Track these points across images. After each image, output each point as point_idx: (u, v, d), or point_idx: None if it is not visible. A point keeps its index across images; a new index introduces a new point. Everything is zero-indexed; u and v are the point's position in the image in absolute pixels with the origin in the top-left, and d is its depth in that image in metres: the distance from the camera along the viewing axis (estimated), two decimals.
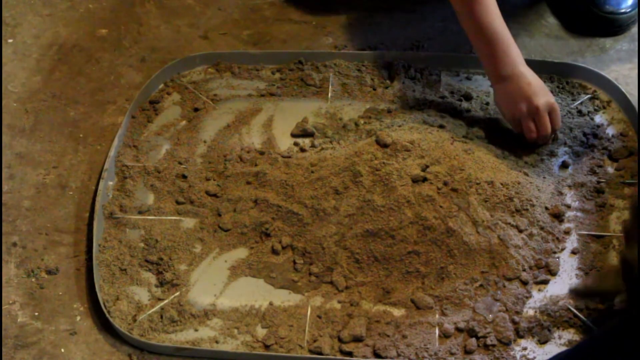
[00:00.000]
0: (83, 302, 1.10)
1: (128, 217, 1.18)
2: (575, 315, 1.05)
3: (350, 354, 1.02)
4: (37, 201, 1.23)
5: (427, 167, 1.13)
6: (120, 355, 1.04)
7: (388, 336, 1.03)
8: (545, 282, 1.09)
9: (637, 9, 1.46)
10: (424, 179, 1.12)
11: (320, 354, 1.02)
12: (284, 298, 1.09)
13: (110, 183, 1.23)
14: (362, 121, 1.30)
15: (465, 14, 1.22)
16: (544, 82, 1.36)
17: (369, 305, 1.07)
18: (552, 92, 1.35)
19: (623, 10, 1.45)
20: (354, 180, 1.13)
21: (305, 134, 1.30)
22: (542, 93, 1.20)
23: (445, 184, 1.11)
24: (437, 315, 1.05)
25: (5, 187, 1.25)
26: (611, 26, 1.46)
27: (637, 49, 1.45)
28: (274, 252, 1.13)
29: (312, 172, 1.18)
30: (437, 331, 1.04)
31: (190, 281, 1.11)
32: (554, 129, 1.21)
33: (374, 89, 1.37)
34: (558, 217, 1.15)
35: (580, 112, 1.31)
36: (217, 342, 1.04)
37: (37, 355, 1.05)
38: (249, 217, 1.16)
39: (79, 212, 1.22)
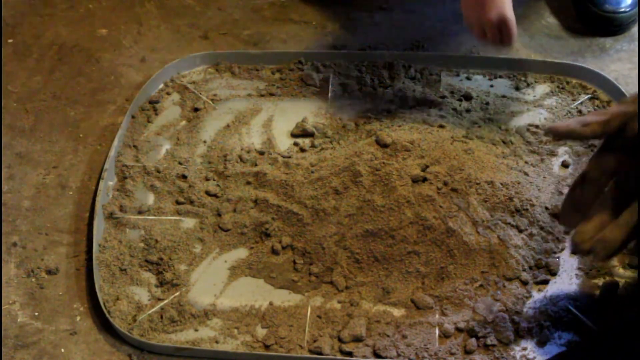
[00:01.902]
0: (83, 302, 1.10)
1: (128, 217, 1.18)
2: (575, 315, 1.05)
3: (350, 354, 1.02)
4: (37, 201, 1.23)
5: (427, 167, 1.13)
6: (120, 355, 1.04)
7: (388, 336, 1.03)
8: (545, 282, 1.09)
9: (636, 8, 1.46)
10: (424, 179, 1.12)
11: (320, 354, 1.02)
12: (284, 298, 1.09)
13: (110, 183, 1.23)
14: (362, 121, 1.30)
15: None
16: (544, 82, 1.37)
17: (369, 305, 1.07)
18: (552, 92, 1.35)
19: (623, 10, 1.45)
20: (354, 180, 1.13)
21: (305, 134, 1.30)
22: (497, 4, 1.16)
23: (445, 184, 1.11)
24: (437, 315, 1.05)
25: (5, 187, 1.25)
26: (611, 25, 1.46)
27: (637, 49, 1.45)
28: (274, 252, 1.13)
29: (312, 172, 1.18)
30: (437, 331, 1.04)
31: (190, 281, 1.11)
32: (503, 41, 1.19)
33: (374, 89, 1.37)
34: (558, 217, 1.15)
35: (580, 112, 1.31)
36: (217, 342, 1.04)
37: (37, 355, 1.05)
38: (249, 217, 1.16)
39: (79, 212, 1.22)
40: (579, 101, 1.33)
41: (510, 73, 1.39)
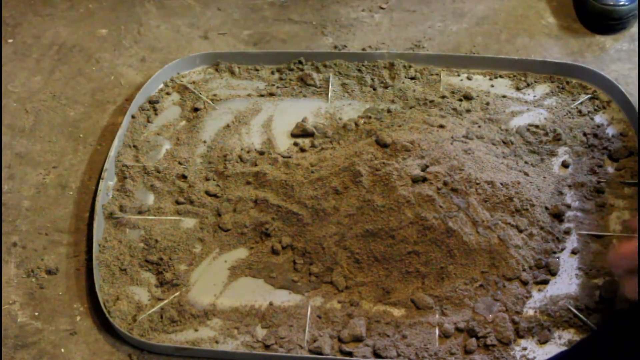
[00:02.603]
0: (83, 302, 1.10)
1: (128, 217, 1.18)
2: (575, 315, 1.05)
3: (350, 354, 1.02)
4: (37, 201, 1.23)
5: (427, 167, 1.13)
6: (120, 355, 1.04)
7: (388, 336, 1.03)
8: (545, 282, 1.09)
9: (636, 2, 1.46)
10: (424, 179, 1.12)
11: (320, 354, 1.02)
12: (284, 298, 1.09)
13: (110, 183, 1.23)
14: (362, 121, 1.30)
15: None
16: (544, 82, 1.37)
17: (369, 305, 1.07)
18: (552, 92, 1.35)
19: (622, 3, 1.45)
20: (354, 180, 1.13)
21: (305, 134, 1.29)
22: None
23: (445, 184, 1.11)
24: (437, 315, 1.05)
25: (5, 187, 1.25)
26: (610, 19, 1.46)
27: (637, 49, 1.45)
28: (274, 252, 1.13)
29: (312, 172, 1.18)
30: (437, 331, 1.04)
31: (190, 281, 1.11)
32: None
33: (374, 89, 1.37)
34: (558, 217, 1.15)
35: (580, 112, 1.31)
36: (217, 342, 1.04)
37: (37, 355, 1.05)
38: (249, 217, 1.16)
39: (79, 212, 1.22)
40: (579, 101, 1.33)
41: (510, 73, 1.39)
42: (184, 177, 1.23)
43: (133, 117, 1.33)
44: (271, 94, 1.37)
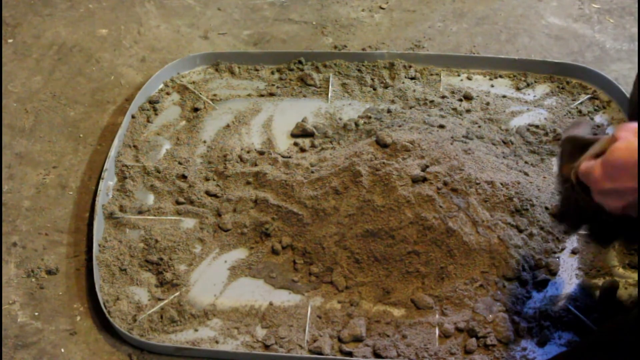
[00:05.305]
0: (83, 302, 1.10)
1: (128, 217, 1.18)
2: (575, 315, 1.05)
3: (350, 354, 1.02)
4: (37, 201, 1.23)
5: (427, 167, 1.13)
6: (120, 355, 1.04)
7: (388, 336, 1.03)
8: (545, 282, 1.09)
9: None
10: (424, 179, 1.12)
11: (320, 354, 1.02)
12: (284, 298, 1.09)
13: (110, 183, 1.23)
14: (362, 121, 1.30)
15: None
16: (544, 82, 1.37)
17: (369, 305, 1.07)
18: (552, 92, 1.36)
19: None
20: (354, 180, 1.13)
21: (305, 134, 1.30)
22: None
23: (445, 184, 1.11)
24: (437, 315, 1.05)
25: (5, 187, 1.25)
26: None
27: (637, 49, 1.45)
28: (274, 252, 1.13)
29: (312, 172, 1.18)
30: (437, 331, 1.04)
31: (190, 281, 1.11)
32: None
33: (374, 89, 1.37)
34: (558, 217, 1.15)
35: (580, 112, 1.31)
36: (217, 342, 1.04)
37: (37, 355, 1.05)
38: (249, 217, 1.16)
39: (79, 212, 1.22)
40: (579, 101, 1.33)
41: (510, 73, 1.39)
42: (184, 177, 1.23)
43: (133, 117, 1.33)
44: (271, 94, 1.37)
